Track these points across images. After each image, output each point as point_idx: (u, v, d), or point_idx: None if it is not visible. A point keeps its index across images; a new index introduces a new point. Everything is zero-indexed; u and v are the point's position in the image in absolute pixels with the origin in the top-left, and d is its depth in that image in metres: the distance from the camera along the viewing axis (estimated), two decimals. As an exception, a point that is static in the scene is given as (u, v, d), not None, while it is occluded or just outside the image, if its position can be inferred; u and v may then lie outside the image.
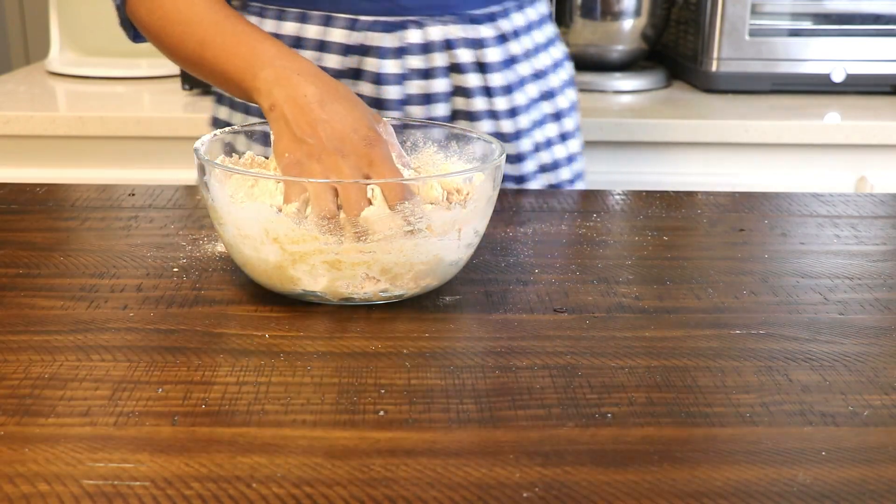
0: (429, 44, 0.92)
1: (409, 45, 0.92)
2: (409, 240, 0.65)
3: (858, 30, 1.64)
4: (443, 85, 0.94)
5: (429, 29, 0.92)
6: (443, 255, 0.68)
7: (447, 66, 0.93)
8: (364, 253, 0.65)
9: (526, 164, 0.99)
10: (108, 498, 0.46)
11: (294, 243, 0.65)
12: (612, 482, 0.48)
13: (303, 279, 0.66)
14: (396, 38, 0.92)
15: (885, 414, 0.55)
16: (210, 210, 0.70)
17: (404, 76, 0.93)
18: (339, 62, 0.93)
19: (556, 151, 1.02)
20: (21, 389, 0.56)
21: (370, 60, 0.92)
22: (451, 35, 0.93)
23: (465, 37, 0.93)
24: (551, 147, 1.02)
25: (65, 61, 1.75)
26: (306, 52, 0.93)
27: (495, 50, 0.94)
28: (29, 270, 0.74)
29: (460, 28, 0.93)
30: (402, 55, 0.92)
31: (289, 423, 0.52)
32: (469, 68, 0.94)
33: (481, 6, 0.94)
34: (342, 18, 0.92)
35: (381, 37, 0.92)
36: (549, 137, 1.02)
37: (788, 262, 0.79)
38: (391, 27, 0.92)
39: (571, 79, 1.06)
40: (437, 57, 0.93)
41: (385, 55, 0.92)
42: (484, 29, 0.94)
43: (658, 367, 0.60)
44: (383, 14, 0.91)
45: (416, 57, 0.92)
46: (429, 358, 0.61)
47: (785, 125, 1.48)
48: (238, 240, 0.68)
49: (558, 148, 1.03)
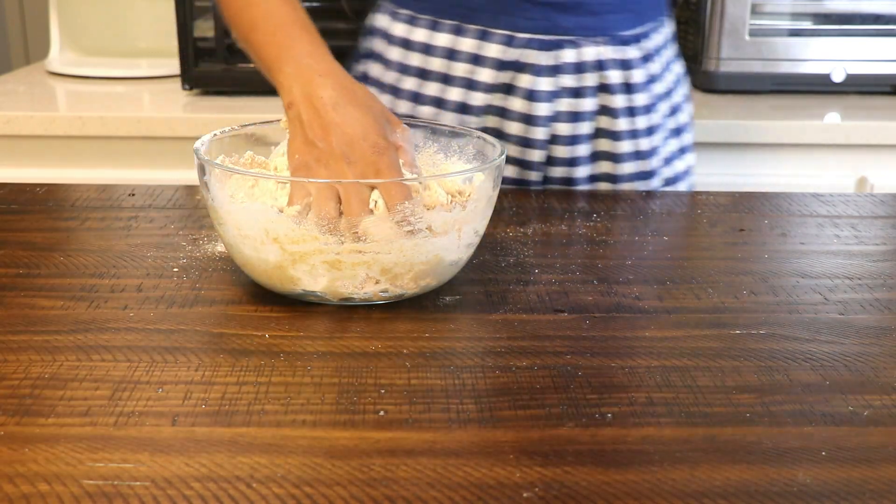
0: (582, 63, 0.94)
1: (564, 64, 0.94)
2: (409, 240, 0.65)
3: (858, 30, 1.63)
4: (590, 104, 0.96)
5: (583, 49, 0.94)
6: (443, 255, 0.68)
7: (597, 85, 0.95)
8: (364, 253, 0.65)
9: (654, 180, 1.01)
10: (108, 498, 0.46)
11: (294, 243, 0.65)
12: (612, 482, 0.48)
13: (303, 279, 0.66)
14: (552, 56, 0.93)
15: (885, 414, 0.55)
16: (210, 210, 0.70)
17: (556, 94, 0.94)
18: (493, 77, 0.94)
19: (677, 166, 1.05)
20: (21, 389, 0.56)
21: (524, 77, 0.94)
22: (602, 56, 0.94)
23: (615, 58, 0.95)
24: (672, 162, 1.04)
25: (65, 61, 1.75)
26: (459, 65, 0.94)
27: (640, 71, 0.97)
28: (29, 270, 0.74)
29: (612, 49, 0.95)
30: (555, 73, 0.94)
31: (289, 423, 0.52)
32: (617, 89, 0.95)
33: (630, 27, 0.96)
34: (499, 34, 0.93)
35: (536, 54, 0.93)
36: (672, 152, 1.04)
37: (788, 262, 0.79)
38: (547, 45, 0.93)
39: (689, 93, 1.08)
40: (588, 77, 0.95)
41: (540, 73, 0.93)
42: (631, 50, 0.96)
43: (658, 367, 0.60)
44: (541, 32, 0.93)
45: (569, 76, 0.94)
46: (429, 358, 0.61)
47: (785, 125, 1.48)
48: (238, 240, 0.68)
49: (678, 162, 1.05)
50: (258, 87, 1.55)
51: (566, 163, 0.97)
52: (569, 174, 0.98)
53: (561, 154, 0.97)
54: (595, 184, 1.00)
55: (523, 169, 0.98)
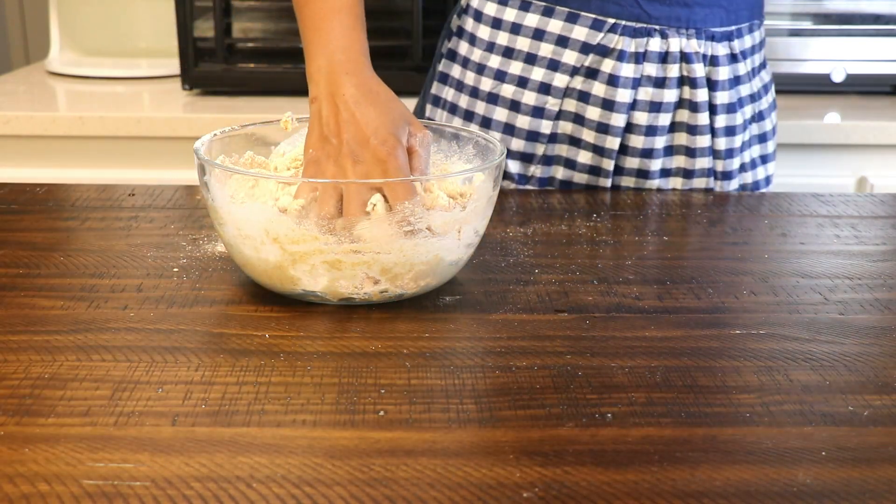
0: (667, 54, 0.95)
1: (648, 53, 0.94)
2: (409, 240, 0.65)
3: (858, 30, 1.63)
4: (672, 95, 0.96)
5: (670, 40, 0.94)
6: (443, 255, 0.68)
7: (679, 77, 0.96)
8: (364, 253, 0.65)
9: (731, 182, 1.01)
10: (108, 498, 0.46)
11: (294, 243, 0.65)
12: (612, 482, 0.48)
13: (303, 279, 0.66)
14: (637, 44, 0.94)
15: (885, 414, 0.55)
16: (210, 210, 0.70)
17: (638, 81, 0.95)
18: (577, 59, 0.95)
19: (758, 173, 1.05)
20: (21, 389, 0.56)
21: (608, 62, 0.94)
22: (689, 48, 0.95)
23: (701, 52, 0.95)
24: (755, 168, 1.04)
25: (65, 61, 1.75)
26: (545, 45, 0.95)
27: (725, 69, 0.97)
28: (29, 270, 0.74)
29: (699, 43, 0.95)
30: (639, 61, 0.94)
31: (289, 423, 0.52)
32: (700, 83, 0.96)
33: (721, 24, 0.96)
34: (587, 17, 0.94)
35: (623, 40, 0.94)
36: (754, 158, 1.04)
37: (788, 262, 0.79)
38: (635, 33, 0.94)
39: (775, 102, 1.08)
40: (672, 68, 0.95)
41: (624, 59, 0.94)
42: (719, 47, 0.96)
43: (658, 367, 0.60)
44: (629, 19, 0.93)
45: (653, 65, 0.95)
46: (429, 358, 0.61)
47: (785, 125, 1.48)
48: (238, 240, 0.68)
49: (760, 169, 1.05)
50: (258, 87, 1.55)
51: (641, 153, 0.97)
52: (643, 166, 0.98)
53: (637, 144, 0.97)
54: (668, 178, 1.00)
55: (598, 156, 0.98)
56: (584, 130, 0.97)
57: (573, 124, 0.97)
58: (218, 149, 0.75)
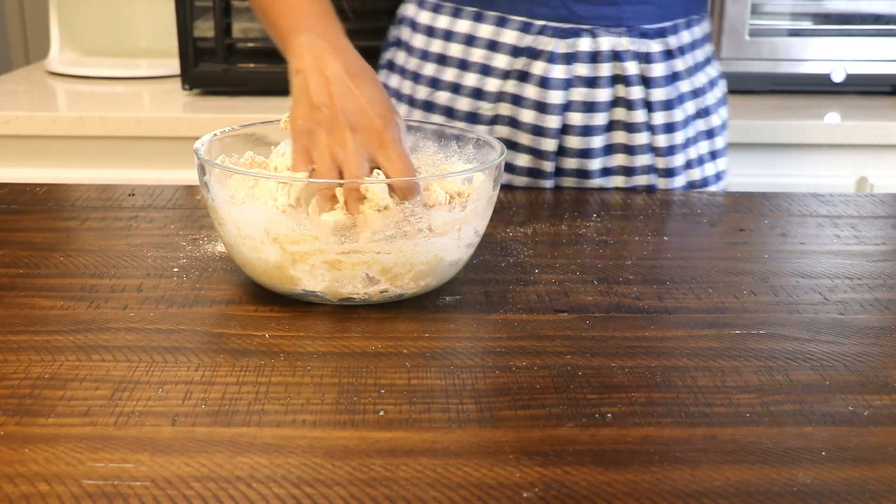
0: (598, 53, 0.94)
1: (578, 53, 0.94)
2: (409, 240, 0.65)
3: (858, 30, 1.63)
4: (606, 94, 0.96)
5: (600, 39, 0.94)
6: (443, 255, 0.68)
7: (612, 76, 0.95)
8: (364, 253, 0.65)
9: (676, 179, 1.01)
10: (108, 498, 0.46)
11: (294, 243, 0.65)
12: (612, 482, 0.48)
13: (303, 279, 0.66)
14: (567, 44, 0.94)
15: (885, 414, 0.55)
16: (210, 210, 0.70)
17: (570, 82, 0.94)
18: (508, 63, 0.95)
19: (707, 169, 1.04)
20: (21, 389, 0.56)
21: (539, 64, 0.94)
22: (620, 46, 0.94)
23: (633, 49, 0.95)
24: (703, 164, 1.04)
25: (65, 61, 1.75)
26: (476, 51, 0.95)
27: (660, 65, 0.96)
28: (29, 270, 0.74)
29: (630, 41, 0.95)
30: (570, 62, 0.94)
31: (289, 423, 0.52)
32: (634, 80, 0.95)
33: (653, 21, 0.96)
34: (516, 21, 0.94)
35: (552, 42, 0.93)
36: (701, 155, 1.03)
37: (788, 262, 0.79)
38: (564, 33, 0.93)
39: (724, 97, 1.08)
40: (603, 67, 0.95)
41: (554, 60, 0.94)
42: (652, 43, 0.96)
43: (658, 367, 0.60)
44: (558, 20, 0.93)
45: (584, 65, 0.94)
46: (429, 358, 0.61)
47: (785, 125, 1.48)
48: (238, 240, 0.68)
49: (709, 166, 1.04)
50: (258, 87, 1.55)
51: (579, 154, 0.97)
52: (582, 166, 0.98)
53: (574, 144, 0.97)
54: (609, 177, 1.00)
55: (537, 158, 0.98)
56: (519, 134, 0.97)
57: (509, 128, 0.97)
58: (218, 149, 0.75)
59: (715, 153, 1.05)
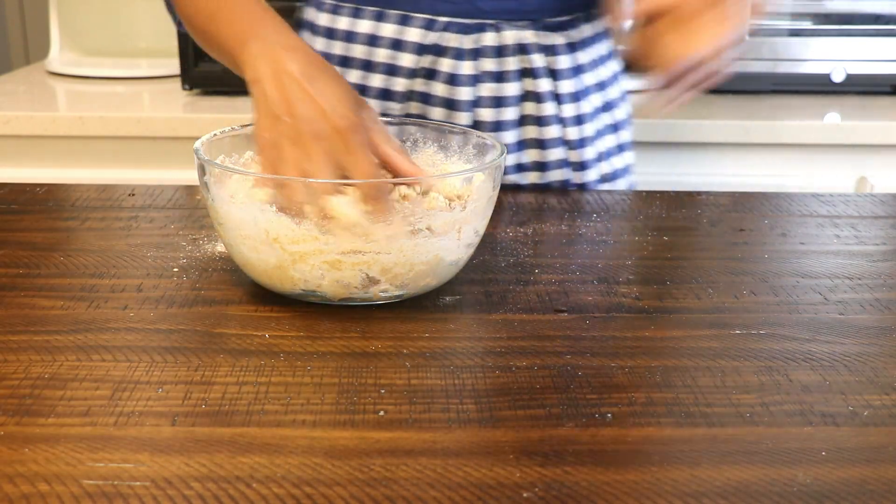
0: (503, 47, 0.94)
1: (484, 48, 0.93)
2: (409, 240, 0.65)
3: (858, 30, 1.64)
4: (514, 89, 0.95)
5: (504, 33, 0.94)
6: (443, 255, 0.68)
7: (519, 70, 0.95)
8: (364, 253, 0.65)
9: (589, 172, 1.00)
10: (108, 498, 0.46)
11: (294, 243, 0.65)
12: (612, 482, 0.48)
13: (303, 279, 0.66)
14: (472, 40, 0.93)
15: (885, 414, 0.55)
16: (210, 210, 0.70)
17: (478, 78, 0.94)
18: (414, 61, 0.94)
19: (615, 162, 1.04)
20: (21, 389, 0.56)
21: (445, 61, 0.93)
22: (524, 40, 0.94)
23: (538, 42, 0.94)
24: (610, 158, 1.03)
25: (65, 61, 1.75)
26: (380, 51, 0.94)
27: (566, 57, 0.96)
28: (29, 270, 0.74)
29: (534, 34, 0.94)
30: (476, 57, 0.93)
31: (289, 423, 0.52)
32: (541, 73, 0.95)
33: (555, 14, 0.95)
34: (419, 18, 0.93)
35: (456, 38, 0.93)
36: (609, 148, 1.03)
37: (788, 262, 0.79)
38: (467, 29, 0.93)
39: (627, 91, 1.07)
40: (510, 61, 0.94)
41: (460, 56, 0.93)
42: (556, 36, 0.95)
43: (658, 367, 0.60)
44: (461, 16, 0.93)
45: (490, 60, 0.94)
46: (429, 358, 0.61)
47: (785, 125, 1.48)
48: (238, 240, 0.68)
49: (616, 159, 1.04)
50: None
51: None
52: None
53: None
54: (523, 173, 0.99)
55: None
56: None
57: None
58: (218, 149, 0.75)
59: (622, 146, 1.04)
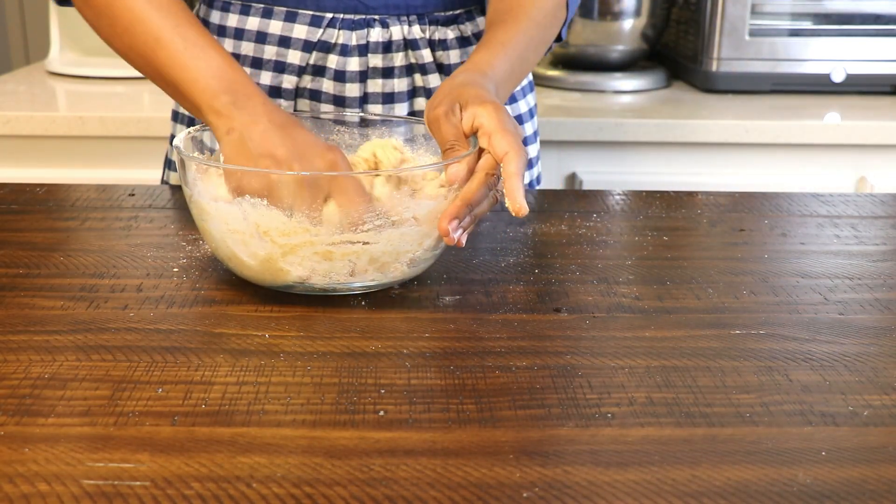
0: (390, 43, 0.93)
1: (371, 44, 0.93)
2: (396, 229, 0.66)
3: (858, 30, 1.64)
4: (403, 84, 0.95)
5: (391, 28, 0.93)
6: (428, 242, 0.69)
7: (407, 65, 0.94)
8: (353, 244, 0.65)
9: None
10: (108, 498, 0.46)
11: (285, 235, 0.65)
12: (612, 482, 0.48)
13: (292, 271, 0.66)
14: (359, 35, 0.93)
15: (885, 414, 0.55)
16: (192, 205, 0.70)
17: (365, 74, 0.94)
18: (301, 58, 0.93)
19: None
20: (21, 389, 0.56)
21: (332, 57, 0.93)
22: (412, 35, 0.94)
23: (426, 37, 0.94)
24: None
25: (65, 61, 1.75)
26: (269, 48, 0.94)
27: (456, 52, 0.95)
28: (29, 270, 0.74)
29: (422, 28, 0.94)
30: (364, 53, 0.93)
31: (289, 423, 0.52)
32: (430, 69, 0.94)
33: (444, 8, 0.95)
34: (306, 15, 0.92)
35: (343, 34, 0.92)
36: None
37: (788, 262, 0.79)
38: (354, 25, 0.92)
39: (531, 84, 1.06)
40: (397, 56, 0.94)
41: (347, 52, 0.92)
42: (447, 31, 0.95)
43: (658, 367, 0.60)
44: (347, 12, 0.92)
45: (378, 55, 0.93)
46: (429, 358, 0.61)
47: (785, 125, 1.48)
48: (225, 234, 0.67)
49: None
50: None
51: None
52: None
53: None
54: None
55: None
56: None
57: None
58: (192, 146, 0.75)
59: (525, 140, 1.03)
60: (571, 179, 1.49)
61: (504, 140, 0.67)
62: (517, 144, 0.68)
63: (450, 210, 0.66)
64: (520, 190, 0.66)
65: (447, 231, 0.65)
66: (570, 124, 1.45)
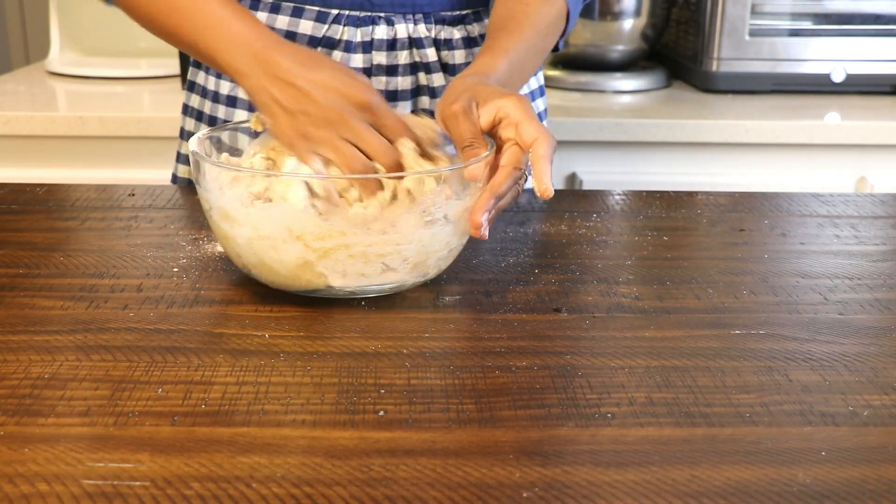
0: (395, 41, 0.93)
1: (376, 41, 0.93)
2: (428, 229, 0.67)
3: (858, 30, 1.64)
4: (407, 83, 0.95)
5: (397, 26, 0.93)
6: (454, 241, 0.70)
7: (412, 63, 0.94)
8: (386, 245, 0.65)
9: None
10: (108, 498, 0.46)
11: (319, 239, 0.64)
12: (611, 482, 0.48)
13: (326, 275, 0.66)
14: (363, 32, 0.93)
15: (885, 414, 0.55)
16: (215, 212, 0.68)
17: (369, 71, 0.94)
18: None
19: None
20: (21, 389, 0.56)
21: (337, 54, 0.93)
22: (417, 34, 0.94)
23: (432, 36, 0.94)
24: None
25: (65, 61, 1.75)
26: None
27: (461, 52, 0.95)
28: (29, 270, 0.74)
29: (427, 27, 0.94)
30: (368, 50, 0.93)
31: (289, 423, 0.52)
32: (434, 68, 0.94)
33: (451, 8, 0.95)
34: (312, 11, 0.93)
35: (348, 31, 0.92)
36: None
37: (788, 262, 0.79)
38: (360, 22, 0.92)
39: (541, 88, 1.06)
40: (402, 54, 0.94)
41: (351, 49, 0.93)
42: (453, 30, 0.95)
43: (658, 367, 0.60)
44: (353, 8, 0.92)
45: (382, 53, 0.93)
46: (429, 358, 0.61)
47: (785, 125, 1.48)
48: (255, 241, 0.66)
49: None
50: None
51: None
52: None
53: None
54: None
55: None
56: None
57: None
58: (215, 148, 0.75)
59: None
60: (571, 179, 1.49)
61: (532, 126, 0.69)
62: (545, 130, 0.69)
63: (480, 204, 0.67)
64: (548, 173, 0.67)
65: (480, 224, 0.67)
66: (570, 124, 1.45)
